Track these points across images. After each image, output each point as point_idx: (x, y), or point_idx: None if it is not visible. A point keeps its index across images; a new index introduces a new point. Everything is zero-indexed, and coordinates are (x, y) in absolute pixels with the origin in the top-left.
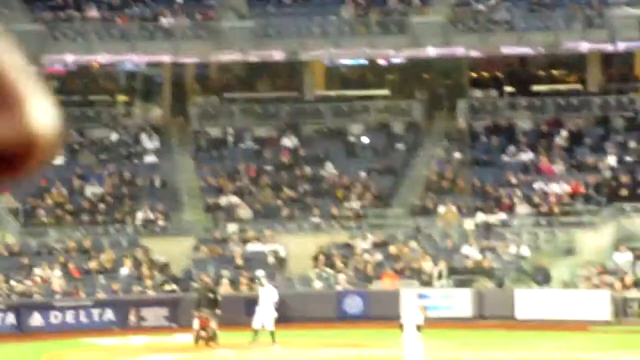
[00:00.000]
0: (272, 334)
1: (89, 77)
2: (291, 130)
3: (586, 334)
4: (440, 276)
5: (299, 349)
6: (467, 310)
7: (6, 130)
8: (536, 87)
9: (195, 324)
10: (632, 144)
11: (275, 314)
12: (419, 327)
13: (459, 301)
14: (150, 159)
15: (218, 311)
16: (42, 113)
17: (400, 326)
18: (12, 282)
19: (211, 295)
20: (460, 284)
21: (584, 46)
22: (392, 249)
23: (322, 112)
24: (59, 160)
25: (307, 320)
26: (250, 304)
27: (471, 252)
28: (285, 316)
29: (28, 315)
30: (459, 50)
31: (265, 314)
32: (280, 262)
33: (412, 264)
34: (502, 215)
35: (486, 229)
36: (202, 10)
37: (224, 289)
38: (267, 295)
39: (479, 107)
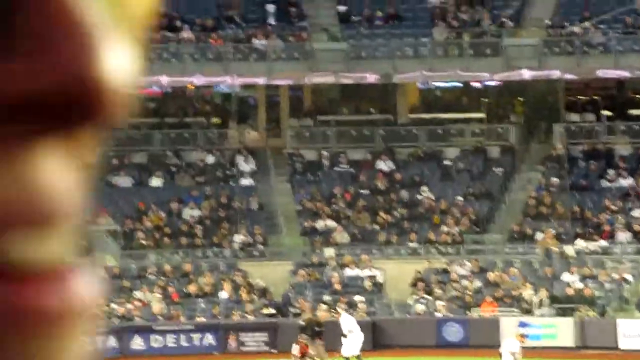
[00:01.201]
0: (358, 358)
1: (184, 99)
2: (386, 153)
3: None
4: (541, 304)
5: None
6: (570, 339)
7: (55, 71)
8: (634, 111)
9: (295, 349)
10: None
11: (357, 339)
12: (513, 355)
13: (561, 330)
14: (246, 181)
15: (320, 341)
16: (110, 54)
17: (500, 355)
18: (113, 305)
19: (317, 328)
20: (562, 312)
21: None
22: (491, 275)
23: (417, 135)
24: (156, 183)
25: (406, 347)
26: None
27: (572, 279)
28: (383, 343)
29: (129, 338)
30: (554, 73)
31: (348, 340)
32: (378, 287)
33: (512, 292)
34: (602, 242)
35: (586, 256)
36: (295, 32)
37: (322, 314)
38: (346, 323)
39: (575, 131)
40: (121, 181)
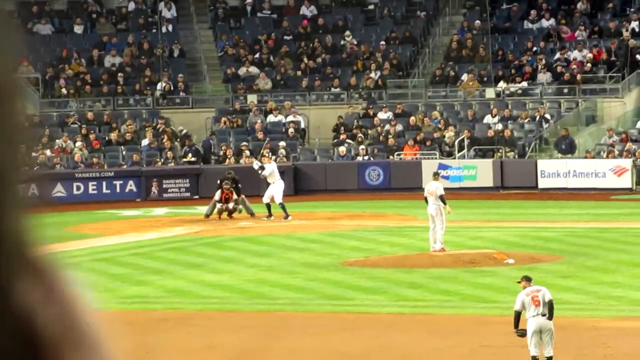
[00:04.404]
0: (282, 206)
1: None
2: None
3: (608, 203)
4: (461, 147)
5: (319, 220)
6: (489, 180)
7: None
8: None
9: (217, 195)
10: None
11: (279, 187)
12: (441, 198)
13: (481, 171)
14: (168, 28)
15: (242, 195)
16: None
17: (425, 198)
18: (33, 154)
19: (233, 185)
20: (482, 154)
21: None
22: (413, 119)
23: None
24: (77, 30)
25: (328, 191)
26: None
27: (493, 121)
28: (306, 188)
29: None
30: None
31: (271, 188)
32: (301, 133)
33: (434, 135)
34: (523, 84)
35: (507, 98)
36: None
37: (245, 160)
38: (271, 171)
39: None
40: (42, 29)
